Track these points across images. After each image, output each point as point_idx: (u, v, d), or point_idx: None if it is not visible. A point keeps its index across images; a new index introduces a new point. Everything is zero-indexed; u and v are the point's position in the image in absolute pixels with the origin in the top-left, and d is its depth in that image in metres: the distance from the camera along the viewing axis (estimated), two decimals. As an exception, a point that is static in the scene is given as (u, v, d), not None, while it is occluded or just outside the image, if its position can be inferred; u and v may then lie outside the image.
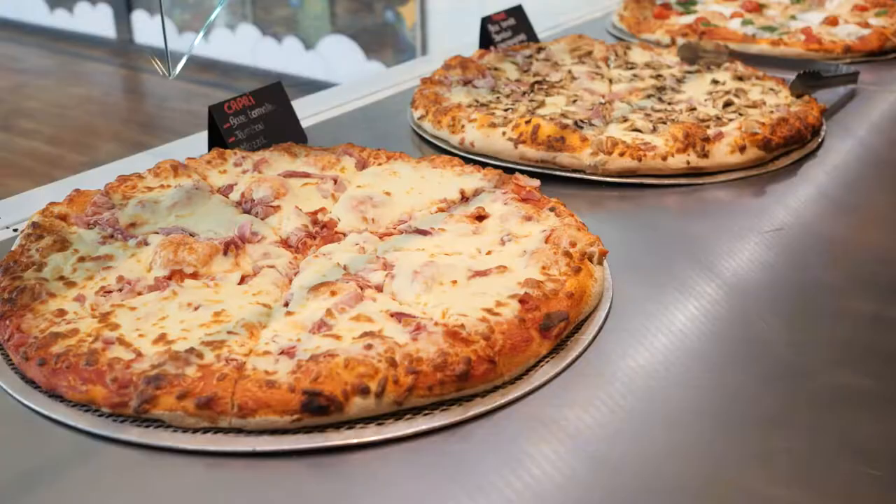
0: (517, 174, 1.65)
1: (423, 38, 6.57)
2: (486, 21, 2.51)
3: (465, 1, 6.13)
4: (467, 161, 1.82)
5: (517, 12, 2.62)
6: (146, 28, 9.05)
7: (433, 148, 1.96)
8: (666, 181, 1.77)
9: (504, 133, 1.84)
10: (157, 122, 7.40)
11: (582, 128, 1.86)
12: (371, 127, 2.16)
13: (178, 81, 8.80)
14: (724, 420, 1.12)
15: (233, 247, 1.39)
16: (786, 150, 1.88)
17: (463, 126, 1.90)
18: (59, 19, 9.46)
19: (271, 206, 1.55)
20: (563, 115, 1.96)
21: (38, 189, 1.78)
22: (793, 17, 2.86)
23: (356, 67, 7.55)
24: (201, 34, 1.87)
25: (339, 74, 7.71)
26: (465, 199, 1.60)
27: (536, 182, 1.63)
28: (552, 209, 1.53)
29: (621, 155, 1.76)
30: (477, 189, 1.63)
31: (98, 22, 9.18)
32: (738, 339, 1.28)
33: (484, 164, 1.81)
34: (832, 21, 2.76)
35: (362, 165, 1.74)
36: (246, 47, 8.32)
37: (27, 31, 9.45)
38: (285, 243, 1.47)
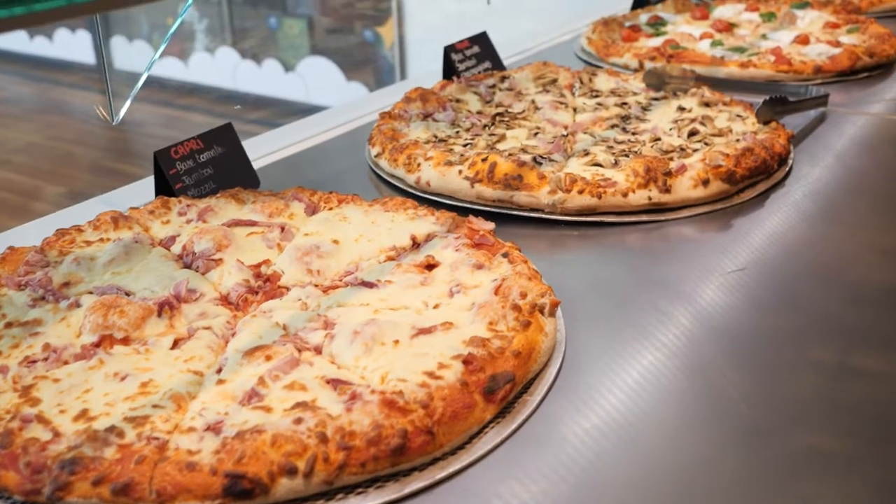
0: (471, 217, 1.59)
1: (401, 57, 6.52)
2: (448, 50, 2.46)
3: (444, 20, 6.10)
4: (425, 201, 1.78)
5: (481, 39, 2.57)
6: (126, 54, 9.01)
7: (390, 187, 1.90)
8: (628, 218, 1.71)
9: (460, 172, 1.78)
10: (135, 149, 7.33)
11: (541, 164, 1.81)
12: (330, 164, 2.10)
13: (158, 107, 8.75)
14: (680, 488, 1.06)
15: (167, 308, 1.33)
16: (752, 182, 1.82)
17: (419, 165, 1.84)
18: (39, 46, 9.42)
19: (213, 260, 1.48)
20: (523, 150, 1.90)
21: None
22: (763, 37, 2.81)
23: (337, 88, 7.52)
24: (144, 76, 1.80)
25: (319, 96, 7.67)
26: (416, 245, 1.54)
27: (490, 225, 1.57)
28: (505, 255, 1.47)
29: (580, 192, 1.71)
30: (429, 234, 1.56)
31: (77, 48, 9.14)
32: (697, 396, 1.22)
33: (441, 205, 1.76)
34: (803, 40, 2.71)
35: (312, 210, 1.68)
36: (226, 71, 8.28)
37: (7, 58, 9.40)
38: (225, 300, 1.40)
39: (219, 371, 1.20)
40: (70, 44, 9.23)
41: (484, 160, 1.77)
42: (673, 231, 1.69)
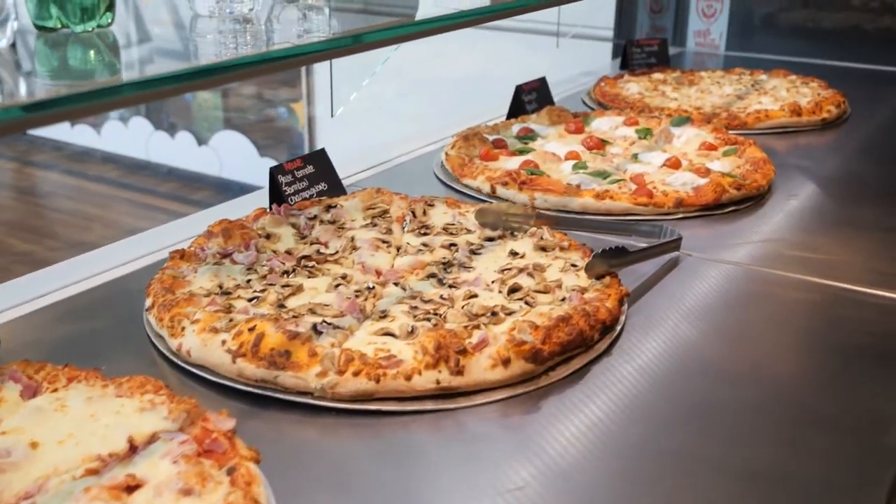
0: (208, 414, 1.32)
1: (310, 139, 6.31)
2: (275, 171, 2.21)
3: (353, 99, 5.89)
4: (188, 375, 1.52)
5: (318, 158, 2.32)
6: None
7: (157, 352, 1.63)
8: (412, 406, 1.46)
9: (224, 342, 1.52)
10: (38, 225, 7.00)
11: (322, 333, 1.55)
12: (104, 315, 1.81)
13: (69, 178, 8.43)
14: None
15: None
16: (566, 357, 1.58)
17: (183, 328, 1.58)
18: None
19: None
20: (312, 310, 1.64)
21: None
22: (635, 157, 2.61)
23: (250, 164, 7.30)
24: None
25: (232, 171, 7.46)
26: (133, 449, 1.27)
27: (229, 425, 1.30)
28: (231, 471, 1.21)
29: (356, 374, 1.45)
30: (154, 434, 1.29)
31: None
32: None
33: (204, 381, 1.51)
34: (674, 163, 2.51)
35: (32, 392, 1.41)
36: (139, 141, 8.04)
37: None
38: None
39: None
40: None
41: (251, 329, 1.52)
42: (462, 422, 1.44)
